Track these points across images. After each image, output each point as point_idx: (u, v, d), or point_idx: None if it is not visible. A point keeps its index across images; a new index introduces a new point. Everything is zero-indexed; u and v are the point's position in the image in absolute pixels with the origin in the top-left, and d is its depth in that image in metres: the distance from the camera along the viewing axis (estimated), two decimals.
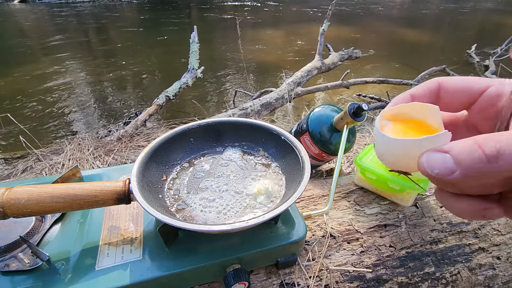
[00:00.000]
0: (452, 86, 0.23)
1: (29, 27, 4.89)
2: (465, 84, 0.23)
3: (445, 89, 0.24)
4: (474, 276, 0.54)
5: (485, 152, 0.16)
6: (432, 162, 0.18)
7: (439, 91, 0.24)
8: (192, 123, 0.54)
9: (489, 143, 0.16)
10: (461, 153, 0.17)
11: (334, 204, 0.59)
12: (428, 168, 0.18)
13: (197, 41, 1.73)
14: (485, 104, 0.22)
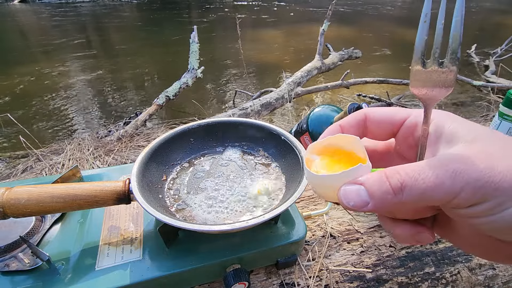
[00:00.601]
0: (376, 117, 0.24)
1: (29, 27, 4.89)
2: (387, 115, 0.24)
3: (371, 120, 0.25)
4: (474, 276, 0.54)
5: (391, 184, 0.18)
6: (348, 195, 0.19)
7: (365, 122, 0.25)
8: (192, 123, 0.54)
9: (395, 176, 0.18)
10: (373, 185, 0.18)
11: (334, 204, 0.59)
12: (345, 201, 0.19)
13: (197, 41, 1.74)
14: (406, 134, 0.24)
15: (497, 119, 0.64)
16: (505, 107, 0.61)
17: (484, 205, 0.16)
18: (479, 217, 0.17)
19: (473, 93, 2.58)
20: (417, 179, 0.17)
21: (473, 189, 0.16)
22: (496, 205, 0.16)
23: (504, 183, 0.16)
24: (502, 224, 0.17)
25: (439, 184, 0.17)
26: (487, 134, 0.19)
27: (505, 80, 2.48)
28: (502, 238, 0.18)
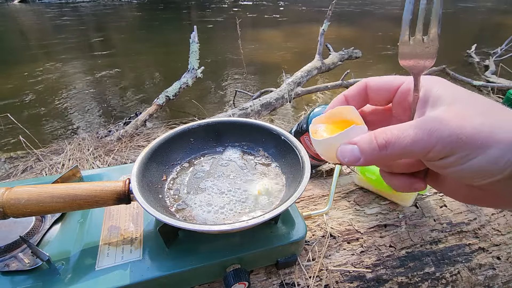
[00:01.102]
0: (375, 84, 0.28)
1: (29, 27, 4.89)
2: (385, 82, 0.27)
3: (370, 88, 0.28)
4: (474, 276, 0.54)
5: (377, 142, 0.21)
6: (344, 152, 0.23)
7: (366, 90, 0.28)
8: (192, 123, 0.54)
9: (381, 135, 0.22)
10: (364, 144, 0.22)
11: (334, 204, 0.59)
12: (341, 157, 0.24)
13: (197, 41, 1.74)
14: (400, 99, 0.27)
15: None
16: None
17: (453, 157, 0.20)
18: (450, 167, 0.21)
19: None
20: (400, 137, 0.21)
21: (444, 144, 0.20)
22: (462, 156, 0.20)
23: (469, 139, 0.19)
24: (468, 172, 0.20)
25: (417, 141, 0.20)
26: (466, 97, 0.22)
27: (505, 80, 2.48)
28: (470, 183, 0.22)
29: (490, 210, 0.61)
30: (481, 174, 0.20)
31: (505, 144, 0.19)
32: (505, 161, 0.19)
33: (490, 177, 0.20)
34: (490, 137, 0.19)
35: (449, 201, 0.61)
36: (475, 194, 0.24)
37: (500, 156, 0.19)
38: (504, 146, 0.19)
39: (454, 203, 0.61)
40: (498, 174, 0.19)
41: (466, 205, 0.61)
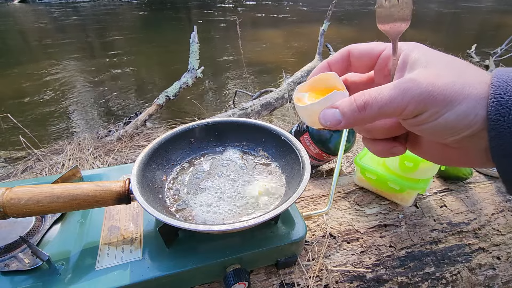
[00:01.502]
0: (358, 51, 0.28)
1: (29, 27, 4.89)
2: (367, 49, 0.28)
3: (353, 55, 0.29)
4: (474, 276, 0.54)
5: (356, 104, 0.22)
6: (326, 116, 0.24)
7: (349, 57, 0.29)
8: (192, 123, 0.54)
9: (360, 97, 0.22)
10: (344, 107, 0.23)
11: (334, 204, 0.59)
12: (323, 121, 0.24)
13: (197, 41, 1.74)
14: (381, 65, 0.28)
15: None
16: None
17: (426, 114, 0.21)
18: (423, 124, 0.22)
19: None
20: (377, 98, 0.22)
21: (416, 102, 0.21)
22: (433, 113, 0.21)
23: (440, 96, 0.20)
24: (440, 128, 0.21)
25: (392, 100, 0.21)
26: (442, 59, 0.22)
27: None
28: (442, 141, 0.23)
29: (490, 210, 0.61)
30: (451, 130, 0.21)
31: (472, 99, 0.20)
32: (473, 117, 0.20)
33: (459, 132, 0.21)
34: (459, 93, 0.20)
35: (449, 201, 0.61)
36: (449, 154, 0.25)
37: (468, 111, 0.20)
38: (471, 102, 0.20)
39: (454, 203, 0.61)
40: (467, 129, 0.20)
41: (466, 205, 0.61)
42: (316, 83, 0.28)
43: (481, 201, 0.62)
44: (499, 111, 0.19)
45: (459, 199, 0.62)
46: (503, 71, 0.21)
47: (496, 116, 0.19)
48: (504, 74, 0.20)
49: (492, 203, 0.62)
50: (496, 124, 0.19)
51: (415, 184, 0.53)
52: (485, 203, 0.62)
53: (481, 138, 0.21)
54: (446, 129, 0.21)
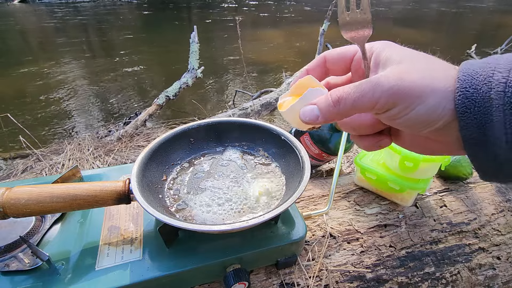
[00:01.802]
0: (332, 56, 0.30)
1: (29, 27, 4.89)
2: (340, 53, 0.30)
3: (328, 60, 0.30)
4: (474, 276, 0.54)
5: (331, 99, 0.24)
6: (305, 113, 0.26)
7: (325, 63, 0.31)
8: (192, 123, 0.54)
9: (334, 92, 0.24)
10: (321, 103, 0.25)
11: (334, 204, 0.59)
12: (303, 117, 0.26)
13: (197, 41, 1.74)
14: (356, 66, 0.29)
15: None
16: None
17: (397, 109, 0.22)
18: (397, 119, 0.23)
19: None
20: (350, 93, 0.23)
21: (386, 97, 0.22)
22: (405, 107, 0.22)
23: (408, 91, 0.21)
24: (412, 121, 0.22)
25: (364, 95, 0.22)
26: (412, 56, 0.24)
27: None
28: (418, 133, 0.24)
29: (490, 210, 0.61)
30: (423, 123, 0.22)
31: (440, 94, 0.21)
32: (441, 110, 0.21)
33: (432, 125, 0.22)
34: (427, 88, 0.21)
35: (449, 201, 0.61)
36: (429, 145, 0.26)
37: (437, 105, 0.21)
38: (439, 95, 0.21)
39: (454, 203, 0.61)
40: (438, 121, 0.22)
41: (466, 205, 0.61)
42: (297, 89, 0.30)
43: (481, 201, 0.62)
44: (465, 103, 0.20)
45: (459, 199, 0.62)
46: (468, 65, 0.22)
47: (462, 108, 0.20)
48: (470, 68, 0.21)
49: (492, 203, 0.62)
50: (463, 116, 0.21)
51: (415, 184, 0.53)
52: (485, 203, 0.62)
53: (453, 128, 0.22)
54: (418, 122, 0.22)
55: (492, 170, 0.22)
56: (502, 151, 0.20)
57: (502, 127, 0.19)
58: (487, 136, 0.20)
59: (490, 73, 0.20)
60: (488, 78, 0.20)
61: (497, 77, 0.20)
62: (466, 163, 0.63)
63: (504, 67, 0.20)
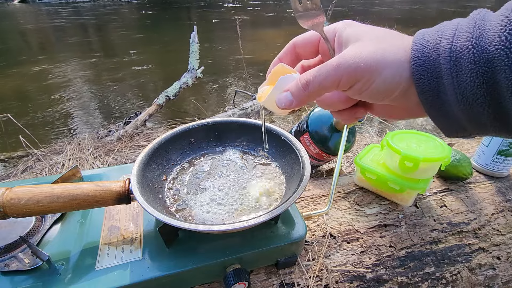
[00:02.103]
0: (301, 41, 0.32)
1: (29, 27, 4.88)
2: (308, 38, 0.32)
3: (298, 45, 0.32)
4: (474, 276, 0.54)
5: (301, 83, 0.26)
6: (281, 100, 0.28)
7: (295, 49, 0.32)
8: (192, 123, 0.54)
9: (303, 77, 0.26)
10: (293, 88, 0.27)
11: (334, 204, 0.59)
12: (279, 104, 0.28)
13: (197, 41, 1.74)
14: (323, 48, 0.31)
15: None
16: None
17: (359, 84, 0.25)
18: (361, 93, 0.25)
19: None
20: (316, 75, 0.25)
21: (347, 74, 0.24)
22: (365, 81, 0.24)
23: (365, 66, 0.23)
24: (375, 93, 0.25)
25: (328, 75, 0.25)
26: (369, 33, 0.26)
27: None
28: (382, 102, 0.26)
29: (490, 210, 0.61)
30: (384, 93, 0.24)
31: (395, 65, 0.23)
32: (398, 78, 0.23)
33: (392, 94, 0.24)
34: (382, 61, 0.23)
35: (449, 201, 0.61)
36: (396, 111, 0.28)
37: (393, 75, 0.23)
38: (394, 66, 0.23)
39: (454, 203, 0.61)
40: (396, 89, 0.24)
41: (466, 205, 0.61)
42: (272, 78, 0.32)
43: (481, 201, 0.62)
44: (419, 71, 0.22)
45: (459, 199, 0.62)
46: (421, 34, 0.23)
47: (417, 76, 0.22)
48: (422, 37, 0.23)
49: (492, 203, 0.62)
50: (419, 82, 0.23)
51: (415, 184, 0.53)
52: (485, 203, 0.62)
53: (413, 94, 0.24)
54: (380, 92, 0.25)
55: (453, 128, 0.24)
56: (456, 111, 0.22)
57: (452, 89, 0.21)
58: (442, 99, 0.22)
59: (438, 40, 0.22)
60: (437, 45, 0.22)
61: (443, 43, 0.22)
62: (466, 163, 0.63)
63: (449, 34, 0.22)
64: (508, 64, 0.19)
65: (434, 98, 0.23)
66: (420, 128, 2.11)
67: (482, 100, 0.21)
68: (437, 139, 0.57)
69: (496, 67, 0.19)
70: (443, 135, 0.27)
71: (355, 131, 0.70)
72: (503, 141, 0.63)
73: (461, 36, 0.21)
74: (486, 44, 0.20)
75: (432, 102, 0.23)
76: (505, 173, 0.68)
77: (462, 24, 0.22)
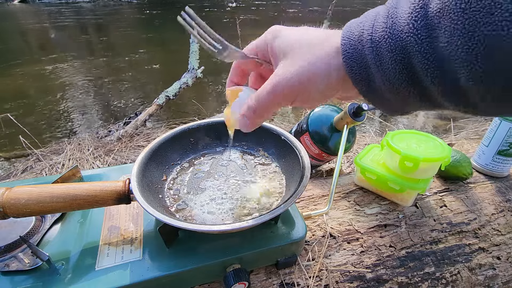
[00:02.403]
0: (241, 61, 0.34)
1: (29, 27, 4.88)
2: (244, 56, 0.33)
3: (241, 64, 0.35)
4: (474, 276, 0.54)
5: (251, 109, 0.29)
6: (241, 125, 0.32)
7: (240, 67, 0.35)
8: (192, 123, 0.54)
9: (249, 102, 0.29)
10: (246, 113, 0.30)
11: (334, 204, 0.59)
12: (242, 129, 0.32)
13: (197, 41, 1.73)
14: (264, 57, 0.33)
15: (497, 119, 0.64)
16: None
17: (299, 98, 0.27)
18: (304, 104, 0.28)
19: None
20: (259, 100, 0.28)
21: (283, 95, 0.27)
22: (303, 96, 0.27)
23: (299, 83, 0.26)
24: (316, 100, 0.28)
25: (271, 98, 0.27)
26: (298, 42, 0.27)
27: None
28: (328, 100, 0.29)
29: (490, 210, 0.61)
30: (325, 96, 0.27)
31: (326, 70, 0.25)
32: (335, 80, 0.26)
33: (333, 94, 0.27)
34: (313, 71, 0.25)
35: (449, 201, 0.61)
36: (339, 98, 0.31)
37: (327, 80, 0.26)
38: (326, 73, 0.25)
39: (454, 203, 0.61)
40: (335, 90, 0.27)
41: (466, 205, 0.61)
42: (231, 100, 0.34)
43: (481, 201, 0.62)
44: (350, 64, 0.24)
45: (459, 199, 0.62)
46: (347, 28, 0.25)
47: (349, 68, 0.24)
48: (348, 31, 0.24)
49: (492, 203, 0.62)
50: (352, 73, 0.24)
51: (415, 184, 0.53)
52: (485, 203, 0.62)
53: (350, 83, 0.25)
54: (322, 97, 0.27)
55: (391, 108, 0.26)
56: (388, 95, 0.24)
57: (379, 77, 0.23)
58: (373, 86, 0.24)
59: (361, 32, 0.23)
60: (360, 37, 0.23)
61: (365, 35, 0.23)
62: (466, 163, 0.63)
63: (369, 24, 0.23)
64: (419, 49, 0.20)
65: (368, 86, 0.24)
66: (420, 128, 2.12)
67: (406, 84, 0.22)
68: (437, 139, 0.57)
69: (410, 53, 0.21)
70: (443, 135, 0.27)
71: (355, 131, 0.70)
72: (503, 141, 0.63)
73: (379, 26, 0.22)
74: (399, 32, 0.21)
75: (367, 89, 0.25)
76: (505, 173, 0.68)
77: (380, 13, 0.23)
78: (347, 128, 0.58)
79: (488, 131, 0.67)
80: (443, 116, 2.25)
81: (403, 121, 2.21)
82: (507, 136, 0.62)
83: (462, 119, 1.98)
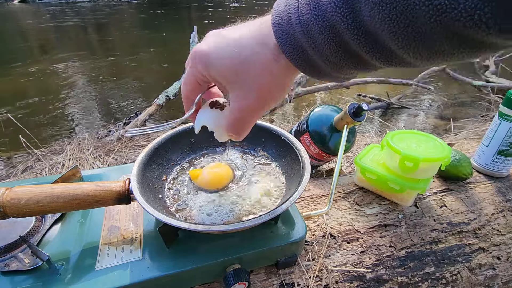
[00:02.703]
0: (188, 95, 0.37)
1: (29, 26, 4.89)
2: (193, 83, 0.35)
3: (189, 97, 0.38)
4: (474, 276, 0.54)
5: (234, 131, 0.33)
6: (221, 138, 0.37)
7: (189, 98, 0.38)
8: (192, 123, 0.53)
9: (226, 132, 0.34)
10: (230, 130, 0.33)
11: (334, 204, 0.59)
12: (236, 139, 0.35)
13: (197, 41, 1.73)
14: None
15: (497, 119, 0.64)
16: (505, 107, 0.61)
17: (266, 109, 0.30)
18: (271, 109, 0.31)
19: (473, 93, 2.58)
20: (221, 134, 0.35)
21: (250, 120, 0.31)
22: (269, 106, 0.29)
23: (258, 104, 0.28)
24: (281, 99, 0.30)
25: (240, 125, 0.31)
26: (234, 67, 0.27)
27: (505, 80, 2.47)
28: None
29: (490, 210, 0.61)
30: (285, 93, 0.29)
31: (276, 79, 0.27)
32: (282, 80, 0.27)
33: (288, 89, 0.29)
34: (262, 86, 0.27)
35: (449, 201, 0.61)
36: None
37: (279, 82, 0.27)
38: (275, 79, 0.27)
39: (454, 203, 0.61)
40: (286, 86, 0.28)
41: (466, 205, 0.61)
42: None
43: (481, 201, 0.62)
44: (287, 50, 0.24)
45: (459, 199, 0.62)
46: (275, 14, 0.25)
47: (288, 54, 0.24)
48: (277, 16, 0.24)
49: (492, 203, 0.62)
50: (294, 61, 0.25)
51: (415, 184, 0.53)
52: (485, 203, 0.62)
53: None
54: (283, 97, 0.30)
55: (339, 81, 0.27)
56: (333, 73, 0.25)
57: (318, 58, 0.23)
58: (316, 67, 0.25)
59: (288, 16, 0.23)
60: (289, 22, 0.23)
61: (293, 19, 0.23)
62: (466, 163, 0.63)
63: (294, 7, 0.23)
64: (346, 27, 0.20)
65: (311, 68, 0.25)
66: (420, 128, 2.12)
67: (345, 61, 0.23)
68: (437, 139, 0.57)
69: (340, 31, 0.21)
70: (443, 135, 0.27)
71: (355, 131, 0.70)
72: (503, 141, 0.63)
73: (303, 8, 0.22)
74: (323, 12, 0.21)
75: (311, 71, 0.25)
76: (505, 173, 0.68)
77: None
78: (347, 128, 0.58)
79: (488, 131, 0.67)
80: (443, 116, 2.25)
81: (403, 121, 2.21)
82: (507, 136, 0.62)
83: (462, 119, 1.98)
